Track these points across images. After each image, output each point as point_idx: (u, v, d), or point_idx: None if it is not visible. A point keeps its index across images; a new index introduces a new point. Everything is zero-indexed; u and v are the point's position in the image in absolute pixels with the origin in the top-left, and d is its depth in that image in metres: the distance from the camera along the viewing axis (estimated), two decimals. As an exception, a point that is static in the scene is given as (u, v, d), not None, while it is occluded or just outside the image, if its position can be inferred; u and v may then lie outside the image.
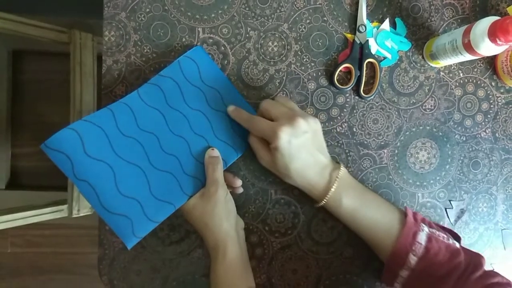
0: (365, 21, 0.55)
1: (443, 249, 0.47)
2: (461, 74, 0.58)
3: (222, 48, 0.54)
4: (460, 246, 0.49)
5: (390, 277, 0.50)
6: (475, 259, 0.46)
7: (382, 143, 0.57)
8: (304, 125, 0.45)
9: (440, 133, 0.58)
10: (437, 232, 0.49)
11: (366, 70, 0.56)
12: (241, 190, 0.54)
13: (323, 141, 0.49)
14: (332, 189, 0.48)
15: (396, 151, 0.57)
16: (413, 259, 0.47)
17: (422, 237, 0.48)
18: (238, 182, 0.53)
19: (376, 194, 0.52)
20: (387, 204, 0.51)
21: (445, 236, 0.49)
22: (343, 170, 0.49)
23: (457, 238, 0.52)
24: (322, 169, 0.48)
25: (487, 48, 0.46)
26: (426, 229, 0.49)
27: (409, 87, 0.57)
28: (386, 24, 0.56)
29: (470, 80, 0.58)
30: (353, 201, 0.49)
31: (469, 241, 0.59)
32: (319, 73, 0.56)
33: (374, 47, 0.56)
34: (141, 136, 0.48)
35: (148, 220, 0.46)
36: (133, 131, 0.47)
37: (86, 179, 0.43)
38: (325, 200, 0.49)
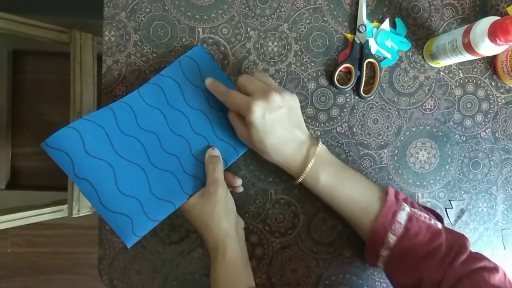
0: (365, 21, 0.55)
1: (423, 229, 0.46)
2: (461, 74, 0.58)
3: (222, 48, 0.54)
4: (443, 227, 0.48)
5: (372, 257, 0.50)
6: (459, 241, 0.45)
7: (382, 143, 0.57)
8: (278, 100, 0.45)
9: (440, 133, 0.58)
10: (419, 212, 0.48)
11: (366, 70, 0.56)
12: (241, 189, 0.54)
13: (300, 116, 0.49)
14: (309, 166, 0.47)
15: (396, 151, 0.57)
16: (392, 239, 0.46)
17: (402, 217, 0.47)
18: (238, 182, 0.53)
19: (357, 172, 0.51)
20: (368, 182, 0.50)
21: (427, 216, 0.48)
22: (321, 146, 0.49)
23: (440, 219, 0.51)
24: (299, 145, 0.48)
25: (487, 48, 0.46)
26: (407, 208, 0.48)
27: (409, 87, 0.57)
28: (386, 24, 0.56)
29: (470, 80, 0.58)
30: (330, 178, 0.48)
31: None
32: (319, 73, 0.56)
33: (374, 47, 0.56)
34: (141, 135, 0.48)
35: (148, 219, 0.46)
36: (133, 130, 0.48)
37: (86, 178, 0.43)
38: (302, 176, 0.48)
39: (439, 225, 0.48)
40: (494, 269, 0.43)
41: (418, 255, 0.45)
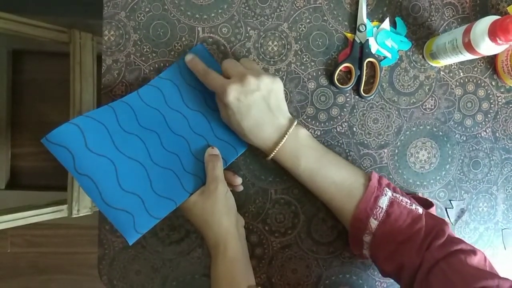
0: (365, 20, 0.55)
1: (404, 214, 0.47)
2: (461, 74, 0.58)
3: (222, 48, 0.54)
4: (425, 212, 0.48)
5: (356, 244, 0.50)
6: (438, 226, 0.46)
7: (382, 142, 0.57)
8: (254, 83, 0.45)
9: (440, 133, 0.58)
10: (401, 197, 0.48)
11: (366, 70, 0.56)
12: (241, 188, 0.54)
13: (281, 100, 0.49)
14: (281, 143, 0.47)
15: (396, 151, 0.57)
16: (373, 223, 0.47)
17: (383, 201, 0.47)
18: (238, 180, 0.53)
19: (340, 157, 0.51)
20: (352, 168, 0.50)
21: (408, 201, 0.48)
22: (302, 131, 0.49)
23: (430, 204, 0.52)
24: (277, 129, 0.48)
25: (487, 48, 0.46)
26: (389, 193, 0.48)
27: (409, 87, 0.57)
28: (386, 24, 0.56)
29: (471, 80, 0.58)
30: (311, 163, 0.48)
31: (469, 241, 0.59)
32: (319, 73, 0.56)
33: (374, 47, 0.56)
34: (142, 132, 0.48)
35: (149, 216, 0.46)
36: (134, 128, 0.47)
37: (88, 174, 0.43)
38: (273, 153, 0.48)
39: (420, 210, 0.48)
40: (471, 251, 0.43)
41: (398, 240, 0.46)
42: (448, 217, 0.59)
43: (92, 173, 0.43)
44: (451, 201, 0.59)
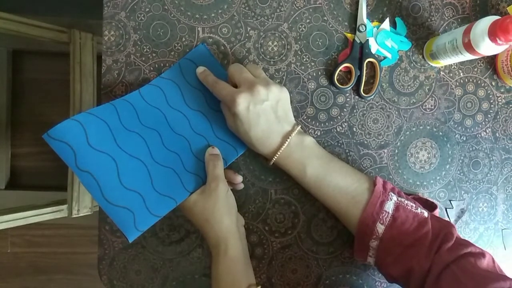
0: (365, 20, 0.55)
1: (410, 218, 0.47)
2: (461, 74, 0.58)
3: (222, 48, 0.54)
4: (431, 215, 0.48)
5: (361, 250, 0.50)
6: (445, 229, 0.46)
7: (382, 142, 0.57)
8: (263, 93, 0.46)
9: (440, 133, 0.58)
10: (406, 201, 0.48)
11: (366, 70, 0.56)
12: (242, 186, 0.54)
13: (288, 109, 0.49)
14: (282, 148, 0.47)
15: (396, 151, 0.57)
16: (380, 228, 0.47)
17: (389, 206, 0.47)
18: (239, 178, 0.53)
19: (345, 163, 0.51)
20: (356, 173, 0.50)
21: (413, 205, 0.48)
22: (308, 139, 0.49)
23: (434, 207, 0.52)
24: (283, 137, 0.48)
25: (487, 48, 0.46)
26: (394, 198, 0.48)
27: (409, 87, 0.57)
28: (386, 24, 0.56)
29: (471, 80, 0.58)
30: (317, 170, 0.49)
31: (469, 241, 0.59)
32: (319, 73, 0.56)
33: (374, 47, 0.56)
34: (143, 131, 0.48)
35: (149, 214, 0.46)
36: (135, 126, 0.47)
37: (89, 170, 0.43)
38: (275, 157, 0.48)
39: (426, 214, 0.48)
40: (481, 254, 0.43)
41: (405, 243, 0.46)
42: (448, 217, 0.59)
43: (93, 169, 0.43)
44: (451, 201, 0.59)
